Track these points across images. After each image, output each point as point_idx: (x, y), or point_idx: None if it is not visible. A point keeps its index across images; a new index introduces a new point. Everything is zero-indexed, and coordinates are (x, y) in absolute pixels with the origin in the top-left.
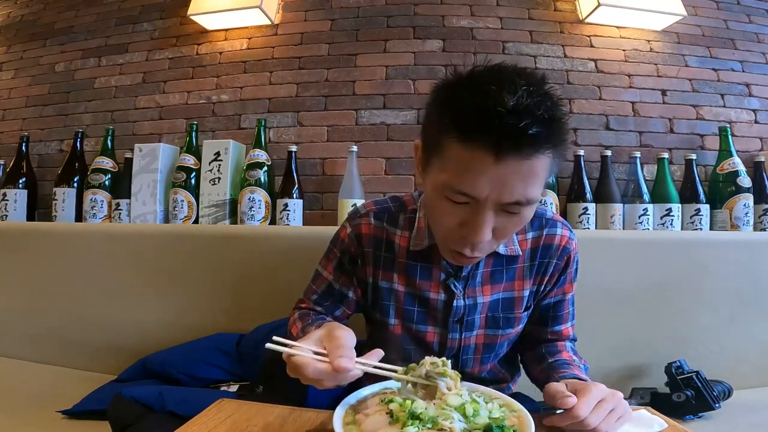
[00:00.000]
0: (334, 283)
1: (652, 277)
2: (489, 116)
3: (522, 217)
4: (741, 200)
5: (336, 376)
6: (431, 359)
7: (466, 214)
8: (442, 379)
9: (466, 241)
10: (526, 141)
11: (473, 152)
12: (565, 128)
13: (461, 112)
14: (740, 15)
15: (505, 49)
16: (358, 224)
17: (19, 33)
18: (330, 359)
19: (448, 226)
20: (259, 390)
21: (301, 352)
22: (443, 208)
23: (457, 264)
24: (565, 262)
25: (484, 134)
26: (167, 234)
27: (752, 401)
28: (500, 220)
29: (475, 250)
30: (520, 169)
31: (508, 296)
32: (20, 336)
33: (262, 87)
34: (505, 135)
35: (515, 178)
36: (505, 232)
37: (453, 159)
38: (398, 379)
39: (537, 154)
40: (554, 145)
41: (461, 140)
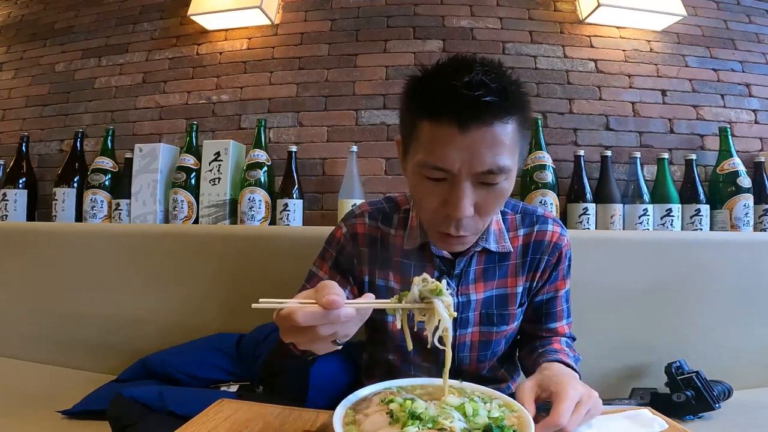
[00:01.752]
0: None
1: (652, 277)
2: (449, 92)
3: (500, 190)
4: (741, 200)
5: (328, 317)
6: (420, 277)
7: (445, 191)
8: (438, 299)
9: (450, 219)
10: (484, 109)
11: (440, 127)
12: (522, 99)
13: (426, 95)
14: (740, 15)
15: (505, 50)
16: (354, 224)
17: (19, 33)
18: (317, 299)
19: (431, 208)
20: (259, 390)
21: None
22: (424, 189)
23: (447, 249)
24: (557, 258)
25: (446, 109)
26: (167, 234)
27: (752, 401)
28: (480, 194)
29: (460, 229)
30: (485, 138)
31: (501, 293)
32: (20, 336)
33: (262, 87)
34: (464, 106)
35: (482, 146)
36: (487, 207)
37: (425, 138)
38: (394, 308)
39: (497, 121)
40: (512, 113)
41: (429, 119)
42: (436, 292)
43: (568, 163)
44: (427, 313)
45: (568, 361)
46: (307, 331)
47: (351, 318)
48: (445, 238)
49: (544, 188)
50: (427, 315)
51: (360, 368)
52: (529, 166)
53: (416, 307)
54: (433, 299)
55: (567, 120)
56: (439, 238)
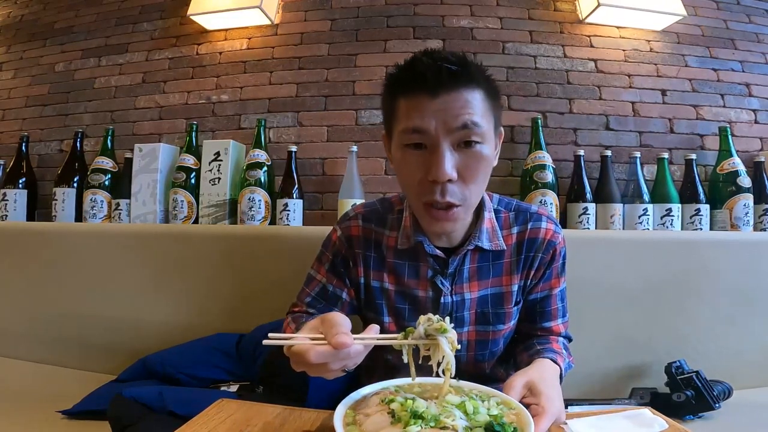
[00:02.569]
0: (327, 285)
1: (652, 277)
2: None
3: (479, 154)
4: (741, 200)
5: (338, 355)
6: (426, 317)
7: (426, 159)
8: (443, 336)
9: (434, 185)
10: (448, 76)
11: (414, 98)
12: (484, 72)
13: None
14: (740, 15)
15: (505, 49)
16: (348, 226)
17: (19, 33)
18: (327, 339)
19: (416, 180)
20: (259, 390)
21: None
22: (406, 159)
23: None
24: (551, 256)
25: (417, 82)
26: (167, 234)
27: (752, 401)
28: (460, 157)
29: (446, 194)
30: (455, 100)
31: (496, 292)
32: (20, 336)
33: (262, 87)
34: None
35: (454, 107)
36: (470, 173)
37: (402, 110)
38: (400, 345)
39: (463, 88)
40: (476, 80)
41: (404, 94)
42: (440, 331)
43: (568, 162)
44: (431, 347)
45: (561, 364)
46: (319, 366)
47: (360, 353)
48: (433, 211)
49: (544, 188)
50: (432, 349)
51: (360, 368)
52: (529, 166)
53: (421, 343)
54: (437, 337)
55: (567, 120)
56: (427, 213)
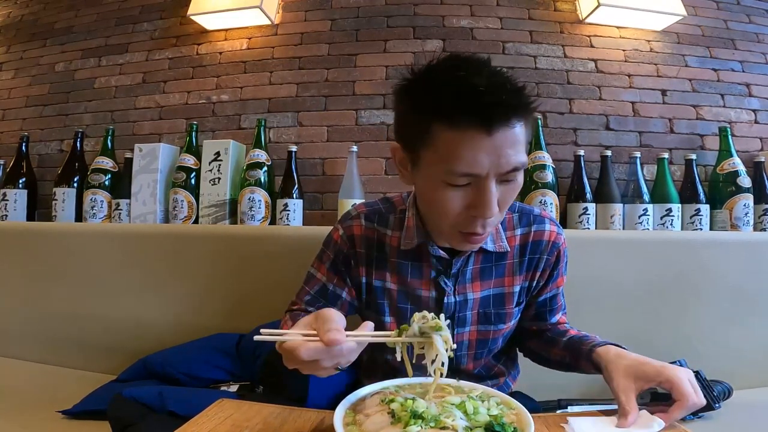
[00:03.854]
0: (327, 284)
1: (652, 277)
2: (471, 97)
3: (516, 185)
4: (741, 200)
5: (330, 352)
6: (420, 314)
7: (470, 194)
8: (437, 334)
9: (476, 219)
10: (509, 111)
11: (466, 132)
12: (531, 95)
13: (443, 100)
14: (740, 15)
15: (505, 50)
16: (350, 226)
17: (19, 33)
18: (319, 336)
19: (454, 212)
20: (259, 390)
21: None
22: (446, 195)
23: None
24: (556, 257)
25: (471, 114)
26: (167, 234)
27: (752, 401)
28: (501, 190)
29: (487, 227)
30: (508, 138)
31: (498, 292)
32: (20, 336)
33: (262, 87)
34: (490, 110)
35: (507, 147)
36: (505, 202)
37: (446, 144)
38: (394, 342)
39: (517, 121)
40: (527, 112)
41: (450, 125)
42: (435, 329)
43: (568, 163)
44: (425, 345)
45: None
46: (310, 363)
47: (352, 350)
48: (469, 238)
49: (544, 188)
50: (426, 347)
51: (360, 368)
52: (529, 166)
53: (416, 341)
54: (432, 335)
55: (567, 120)
56: (462, 238)
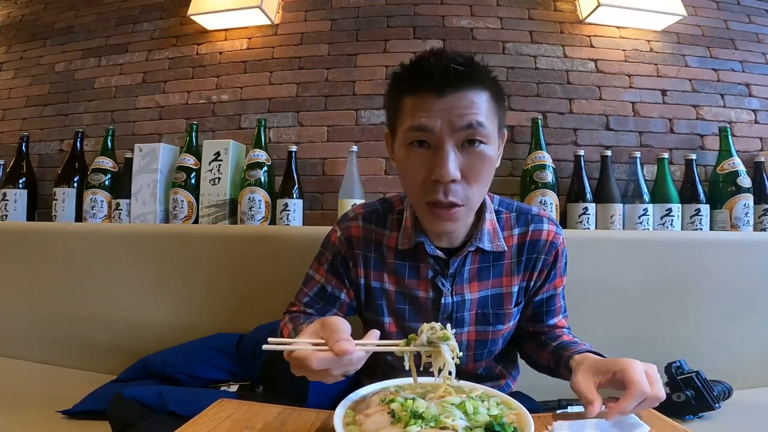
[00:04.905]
0: (326, 285)
1: (652, 277)
2: (425, 66)
3: (483, 155)
4: (741, 200)
5: (340, 361)
6: (429, 325)
7: (430, 157)
8: (444, 343)
9: (438, 185)
10: (455, 76)
11: (421, 97)
12: (491, 74)
13: (407, 76)
14: (740, 15)
15: (505, 49)
16: (348, 227)
17: (19, 33)
18: (329, 346)
19: (418, 178)
20: (259, 390)
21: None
22: (410, 160)
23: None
24: (554, 257)
25: (424, 81)
26: (167, 234)
27: (752, 401)
28: (464, 158)
29: (449, 194)
30: (461, 100)
31: (496, 293)
32: (20, 336)
33: (262, 87)
34: (438, 75)
35: (460, 106)
36: (473, 172)
37: (408, 109)
38: (402, 351)
39: (471, 88)
40: (482, 82)
41: (410, 92)
42: (443, 339)
43: (568, 163)
44: (433, 354)
45: (593, 349)
46: (320, 372)
47: (361, 359)
48: (436, 210)
49: (544, 188)
50: (433, 356)
51: (360, 368)
52: (529, 166)
53: (423, 350)
54: (440, 345)
55: (567, 120)
56: (429, 212)
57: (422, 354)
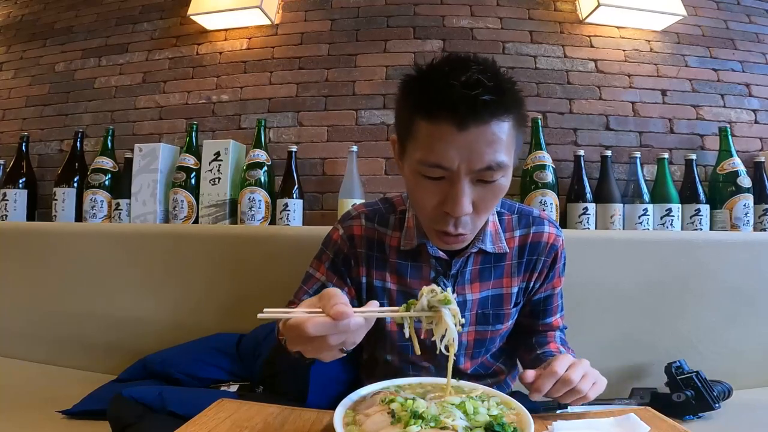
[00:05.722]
0: (327, 283)
1: (652, 277)
2: (446, 92)
3: (498, 187)
4: (741, 200)
5: (338, 327)
6: (428, 287)
7: (443, 189)
8: (445, 307)
9: (449, 217)
10: (481, 107)
11: (439, 126)
12: (517, 97)
13: (423, 94)
14: (740, 15)
15: (505, 49)
16: (350, 226)
17: (19, 33)
18: (325, 311)
19: (429, 206)
20: (259, 390)
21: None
22: (422, 188)
23: (445, 247)
24: (553, 259)
25: (444, 108)
26: (167, 234)
27: (752, 401)
28: (478, 191)
29: (459, 226)
30: (483, 135)
31: (497, 293)
32: (20, 336)
33: (262, 87)
34: (461, 105)
35: (481, 144)
36: (485, 205)
37: (423, 137)
38: (401, 317)
39: (494, 119)
40: (508, 111)
41: (427, 118)
42: (444, 302)
43: (568, 163)
44: (434, 320)
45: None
46: (316, 340)
47: (360, 327)
48: (444, 237)
49: (544, 188)
50: (435, 323)
51: (360, 367)
52: (529, 166)
53: (424, 315)
54: (440, 308)
55: (567, 120)
56: (437, 237)
57: (423, 321)
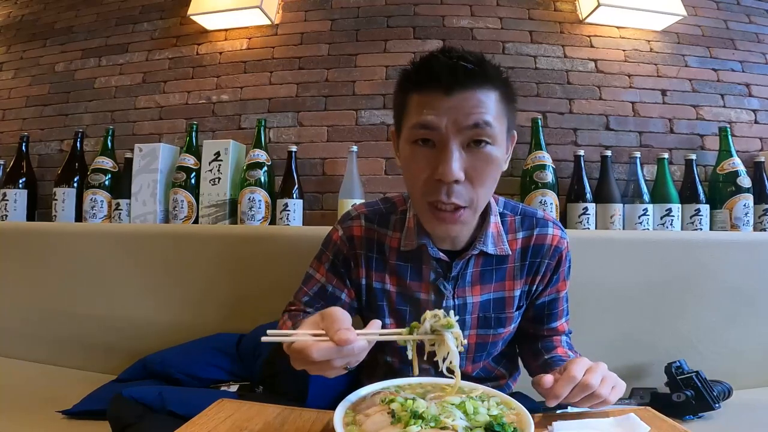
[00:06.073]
0: (327, 284)
1: (652, 277)
2: (432, 62)
3: (488, 155)
4: (741, 200)
5: (341, 351)
6: (432, 312)
7: (434, 156)
8: (448, 331)
9: (441, 185)
10: (464, 75)
11: (427, 94)
12: (502, 74)
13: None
14: (740, 15)
15: (505, 49)
16: (350, 226)
17: (19, 33)
18: (329, 335)
19: (422, 177)
20: (259, 390)
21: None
22: (415, 158)
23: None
24: (557, 262)
25: (432, 79)
26: (167, 234)
27: (752, 401)
28: (469, 159)
29: (452, 194)
30: (469, 99)
31: (499, 296)
32: (20, 336)
33: (262, 87)
34: (448, 74)
35: (467, 105)
36: (477, 174)
37: (414, 106)
38: (405, 340)
39: (479, 87)
40: (493, 83)
41: (417, 90)
42: (446, 327)
43: (568, 163)
44: (436, 343)
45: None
46: (322, 363)
47: (363, 349)
48: (438, 213)
49: (544, 188)
50: (437, 345)
51: (360, 368)
52: (529, 166)
53: (427, 338)
54: (443, 332)
55: (567, 120)
56: (431, 213)
57: (425, 343)
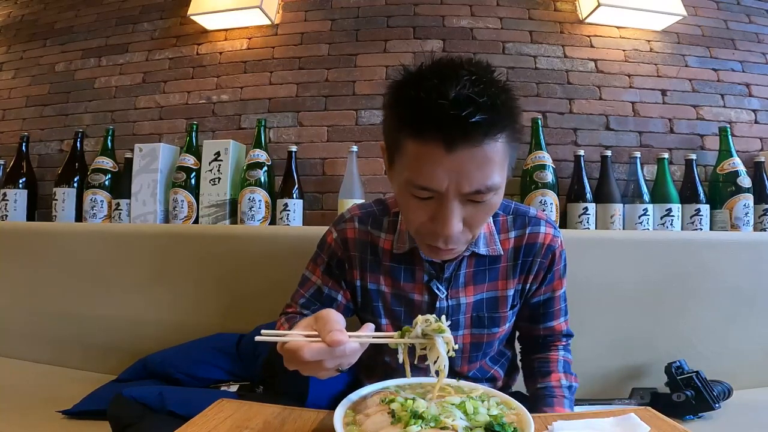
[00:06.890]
0: (322, 286)
1: (652, 277)
2: (434, 110)
3: (489, 205)
4: (741, 200)
5: (333, 352)
6: (423, 317)
7: (433, 208)
8: (439, 336)
9: (438, 235)
10: (472, 129)
11: (426, 146)
12: (513, 112)
13: (410, 110)
14: (740, 15)
15: (505, 50)
16: (344, 229)
17: (19, 33)
18: (321, 337)
19: (419, 222)
20: (259, 390)
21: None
22: (411, 205)
23: (436, 259)
24: (551, 260)
25: (432, 128)
26: (167, 234)
27: (752, 401)
28: (468, 210)
29: (449, 243)
30: (473, 157)
31: (492, 296)
32: (20, 336)
33: (262, 87)
34: (451, 126)
35: (471, 167)
36: (475, 221)
37: (410, 156)
38: (396, 343)
39: (487, 140)
40: (502, 130)
41: (414, 137)
42: (437, 331)
43: (568, 163)
44: (428, 347)
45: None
46: (313, 364)
47: (355, 351)
48: (434, 251)
49: (544, 188)
50: (428, 349)
51: (360, 368)
52: (529, 166)
53: (418, 342)
54: (434, 337)
55: (567, 120)
56: (427, 249)
57: (416, 347)
